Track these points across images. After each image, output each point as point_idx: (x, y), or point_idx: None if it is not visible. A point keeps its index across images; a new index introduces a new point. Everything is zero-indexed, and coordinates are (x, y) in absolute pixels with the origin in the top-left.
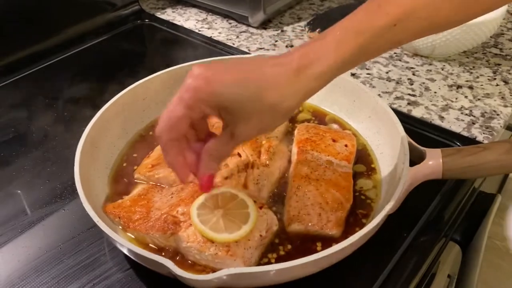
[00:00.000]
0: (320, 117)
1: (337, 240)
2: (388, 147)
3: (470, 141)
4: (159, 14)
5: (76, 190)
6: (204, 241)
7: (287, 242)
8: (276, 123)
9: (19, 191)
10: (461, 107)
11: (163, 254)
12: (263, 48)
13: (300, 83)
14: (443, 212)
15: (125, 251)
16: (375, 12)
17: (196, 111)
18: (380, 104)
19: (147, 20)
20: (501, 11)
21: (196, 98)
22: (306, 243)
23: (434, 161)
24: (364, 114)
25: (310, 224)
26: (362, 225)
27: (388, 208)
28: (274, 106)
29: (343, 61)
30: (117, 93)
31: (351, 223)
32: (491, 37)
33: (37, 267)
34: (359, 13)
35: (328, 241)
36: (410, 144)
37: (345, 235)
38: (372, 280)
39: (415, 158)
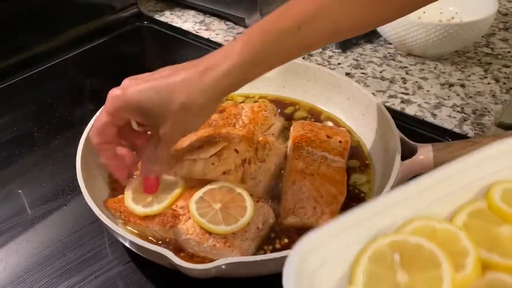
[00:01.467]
0: (316, 115)
1: None
2: (381, 143)
3: (462, 137)
4: (157, 16)
5: (77, 187)
6: (202, 233)
7: (284, 236)
8: (193, 123)
9: (22, 189)
10: (453, 105)
11: (163, 246)
12: None
13: (206, 83)
14: None
15: (127, 244)
16: (282, 14)
17: (117, 117)
18: (373, 102)
19: (145, 22)
20: (492, 11)
21: (114, 106)
22: (302, 235)
23: (425, 156)
24: (358, 111)
25: (305, 216)
26: None
27: None
28: (184, 105)
29: (249, 59)
30: None
31: None
32: (482, 36)
33: (41, 260)
34: (271, 14)
35: None
36: (402, 139)
37: None
38: None
39: (407, 153)
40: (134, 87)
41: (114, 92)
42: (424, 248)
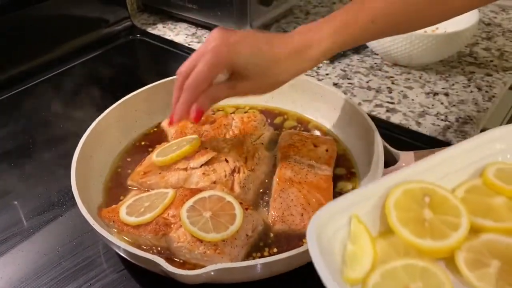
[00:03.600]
0: (304, 124)
1: None
2: (366, 151)
3: (444, 145)
4: (150, 30)
5: (72, 197)
6: (193, 241)
7: (273, 245)
8: (268, 89)
9: (18, 200)
10: (437, 113)
11: (156, 254)
12: None
13: (298, 62)
14: None
15: (120, 252)
16: (358, 10)
17: (216, 71)
18: (358, 112)
19: (138, 36)
20: (474, 21)
21: (218, 62)
22: (290, 244)
23: (407, 163)
24: (344, 121)
25: (293, 223)
26: None
27: None
28: (276, 78)
29: (334, 48)
30: (111, 105)
31: None
32: (466, 46)
33: (36, 269)
34: (345, 12)
35: None
36: (385, 147)
37: None
38: None
39: (391, 161)
40: (238, 49)
41: (218, 49)
42: (449, 200)
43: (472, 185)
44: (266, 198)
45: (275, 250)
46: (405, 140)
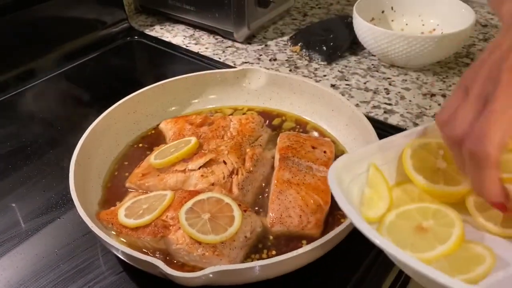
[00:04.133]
0: (302, 126)
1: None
2: None
3: None
4: (148, 31)
5: (71, 199)
6: (192, 243)
7: (272, 248)
8: None
9: (16, 202)
10: (434, 114)
11: (154, 256)
12: (248, 62)
13: None
14: None
15: (119, 254)
16: None
17: None
18: (356, 113)
19: (136, 37)
20: (470, 22)
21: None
22: (289, 246)
23: None
24: (342, 122)
25: (291, 225)
26: (340, 225)
27: None
28: None
29: None
30: (109, 107)
31: (331, 223)
32: (463, 47)
33: (35, 272)
34: None
35: (309, 241)
36: None
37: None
38: (352, 273)
39: None
40: None
41: (493, 145)
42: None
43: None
44: (265, 200)
45: (274, 252)
46: None
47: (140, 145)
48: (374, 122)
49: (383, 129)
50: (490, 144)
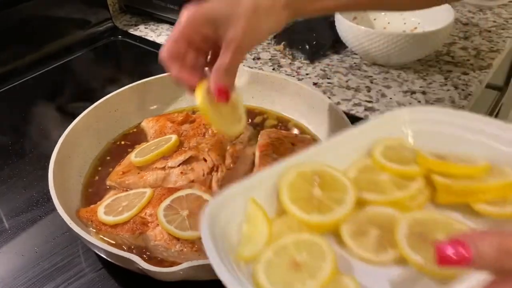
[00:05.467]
0: (284, 123)
1: None
2: None
3: None
4: (132, 31)
5: (51, 198)
6: (170, 239)
7: None
8: (261, 27)
9: None
10: None
11: (134, 253)
12: None
13: None
14: None
15: (96, 250)
16: None
17: (190, 26)
18: (336, 110)
19: (120, 37)
20: (450, 20)
21: (188, 19)
22: None
23: None
24: (322, 119)
25: None
26: None
27: None
28: (252, 5)
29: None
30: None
31: None
32: (444, 45)
33: (14, 270)
34: None
35: None
36: None
37: None
38: None
39: None
40: (205, 4)
41: (188, 10)
42: (338, 178)
43: (364, 164)
44: None
45: None
46: None
47: (122, 143)
48: (355, 119)
49: None
50: None
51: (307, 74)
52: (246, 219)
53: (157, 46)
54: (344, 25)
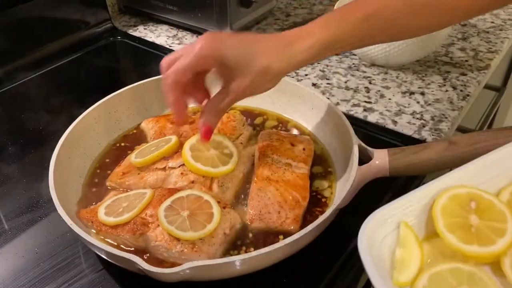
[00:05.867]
0: (284, 124)
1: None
2: (342, 149)
3: (418, 142)
4: (131, 31)
5: (51, 199)
6: (171, 240)
7: (251, 245)
8: (263, 86)
9: None
10: (413, 112)
11: (134, 254)
12: None
13: (287, 53)
14: None
15: (97, 251)
16: (352, 7)
17: (201, 63)
18: (334, 111)
19: (119, 37)
20: None
21: (204, 54)
22: (267, 242)
23: (381, 160)
24: (322, 120)
25: (270, 221)
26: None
27: (337, 203)
28: (264, 69)
29: (326, 41)
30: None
31: (309, 220)
32: (442, 46)
33: (14, 271)
34: (346, 5)
35: (287, 237)
36: (360, 145)
37: None
38: (327, 269)
39: (366, 158)
40: (223, 41)
41: (204, 42)
42: (495, 205)
43: None
44: (244, 197)
45: (252, 248)
46: (381, 139)
47: (122, 144)
48: (354, 120)
49: (363, 127)
50: None
51: (306, 75)
52: (400, 243)
53: (156, 46)
54: None
